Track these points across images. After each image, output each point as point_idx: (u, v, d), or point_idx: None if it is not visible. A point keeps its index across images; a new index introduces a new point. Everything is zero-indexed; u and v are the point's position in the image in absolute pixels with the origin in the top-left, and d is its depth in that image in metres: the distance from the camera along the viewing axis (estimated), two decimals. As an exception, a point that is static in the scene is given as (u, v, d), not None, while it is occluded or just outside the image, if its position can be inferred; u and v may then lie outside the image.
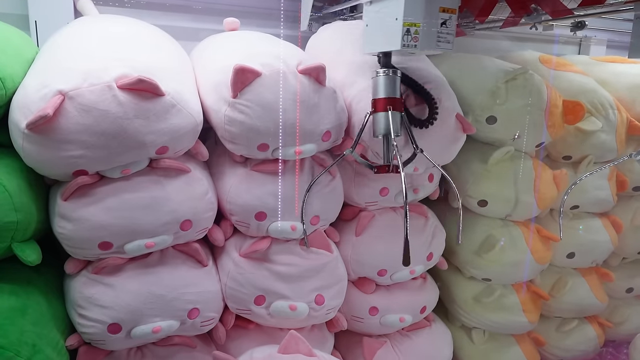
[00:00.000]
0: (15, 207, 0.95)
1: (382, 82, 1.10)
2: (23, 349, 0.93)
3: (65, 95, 0.92)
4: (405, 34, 1.00)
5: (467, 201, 1.53)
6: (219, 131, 1.15)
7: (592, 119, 1.55)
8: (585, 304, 1.70)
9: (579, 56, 2.05)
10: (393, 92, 1.10)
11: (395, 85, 1.10)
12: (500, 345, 1.63)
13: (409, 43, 1.01)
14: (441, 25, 1.03)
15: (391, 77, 1.10)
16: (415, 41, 1.01)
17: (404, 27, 1.00)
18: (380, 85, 1.10)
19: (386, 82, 1.10)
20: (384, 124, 1.10)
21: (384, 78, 1.10)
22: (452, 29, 1.05)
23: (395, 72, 1.10)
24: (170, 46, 1.22)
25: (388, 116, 1.09)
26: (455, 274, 1.62)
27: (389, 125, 1.09)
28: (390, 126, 1.08)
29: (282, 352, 1.07)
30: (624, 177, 1.69)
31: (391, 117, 1.09)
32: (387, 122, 1.09)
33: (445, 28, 1.04)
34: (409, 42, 1.01)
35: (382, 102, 1.10)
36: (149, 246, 1.07)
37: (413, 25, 1.00)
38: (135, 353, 1.16)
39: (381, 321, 1.39)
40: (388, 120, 1.09)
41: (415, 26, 1.01)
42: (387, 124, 1.09)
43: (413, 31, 1.01)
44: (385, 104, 1.09)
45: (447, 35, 1.05)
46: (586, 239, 1.66)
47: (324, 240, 1.28)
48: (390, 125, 1.09)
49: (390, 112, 1.09)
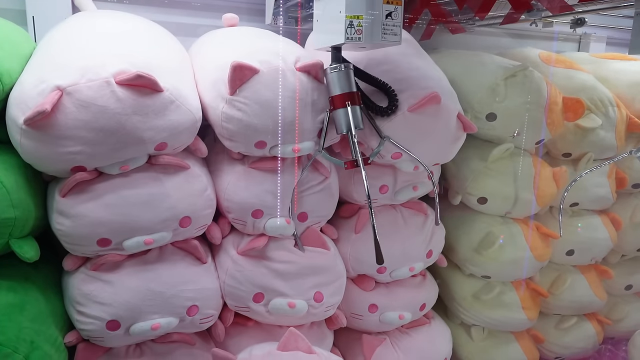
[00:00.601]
0: (13, 204, 0.95)
1: (335, 77, 1.08)
2: (21, 346, 0.92)
3: (63, 90, 0.91)
4: (348, 26, 0.99)
5: (466, 198, 1.52)
6: (217, 128, 1.15)
7: (591, 116, 1.55)
8: (585, 301, 1.70)
9: (579, 53, 2.04)
10: (348, 87, 1.08)
11: (349, 79, 1.08)
12: (499, 342, 1.63)
13: (353, 36, 0.99)
14: (386, 17, 1.02)
15: (344, 72, 1.08)
16: (359, 34, 1.00)
17: (347, 20, 0.99)
18: (335, 81, 1.08)
19: (340, 77, 1.08)
20: (344, 120, 1.08)
21: (337, 74, 1.08)
22: (399, 21, 1.03)
23: (347, 66, 1.09)
24: (169, 42, 1.22)
25: (347, 112, 1.07)
26: (454, 271, 1.62)
27: (349, 120, 1.07)
28: (351, 121, 1.07)
29: (281, 349, 1.07)
30: (623, 174, 1.68)
31: (351, 112, 1.07)
32: (347, 118, 1.07)
33: (391, 20, 1.02)
34: (352, 34, 0.99)
35: (339, 98, 1.08)
36: (148, 243, 1.07)
37: (356, 17, 0.99)
38: (134, 350, 1.16)
39: (380, 318, 1.39)
40: (347, 115, 1.07)
41: (358, 18, 0.99)
42: (347, 120, 1.08)
43: (356, 24, 0.99)
44: (343, 100, 1.08)
45: (393, 27, 1.03)
46: (585, 236, 1.66)
47: (318, 238, 1.27)
48: (350, 121, 1.07)
49: (350, 107, 1.07)
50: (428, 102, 1.17)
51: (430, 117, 1.21)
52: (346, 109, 1.07)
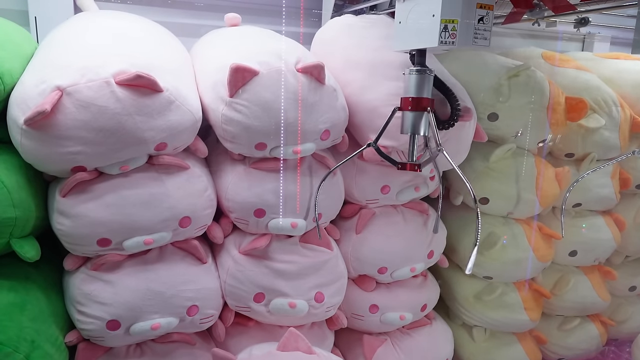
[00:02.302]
0: (14, 203, 0.95)
1: (415, 80, 1.09)
2: (22, 345, 0.93)
3: (63, 91, 0.92)
4: (442, 30, 0.99)
5: (468, 199, 1.52)
6: (217, 130, 1.15)
7: (595, 116, 1.54)
8: (588, 302, 1.69)
9: (582, 53, 2.03)
10: (426, 92, 1.10)
11: (428, 84, 1.10)
12: (501, 343, 1.62)
13: (447, 40, 1.00)
14: (478, 21, 1.02)
15: (425, 77, 1.09)
16: (452, 38, 1.00)
17: (442, 24, 0.98)
18: (413, 83, 1.09)
19: (420, 81, 1.09)
20: (412, 123, 1.10)
21: (418, 77, 1.09)
22: (489, 26, 1.04)
23: (430, 71, 1.10)
24: (170, 42, 1.22)
25: (420, 116, 1.09)
26: (456, 272, 1.61)
27: (419, 124, 1.09)
28: (421, 125, 1.09)
29: (281, 349, 1.07)
30: (627, 174, 1.67)
31: (423, 117, 1.09)
32: (418, 121, 1.09)
33: (482, 24, 1.03)
34: (446, 38, 0.99)
35: (413, 101, 1.09)
36: (148, 243, 1.07)
37: (451, 21, 0.99)
38: (134, 350, 1.16)
39: (381, 319, 1.39)
40: (419, 119, 1.09)
41: (453, 22, 0.99)
42: (416, 123, 1.09)
43: (451, 27, 0.99)
44: (418, 103, 1.09)
45: (484, 31, 1.04)
46: (589, 236, 1.65)
47: (324, 238, 1.27)
48: (419, 125, 1.09)
49: (423, 112, 1.09)
50: (464, 119, 1.20)
51: (457, 129, 1.22)
52: (419, 113, 1.09)
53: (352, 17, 1.50)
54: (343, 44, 1.39)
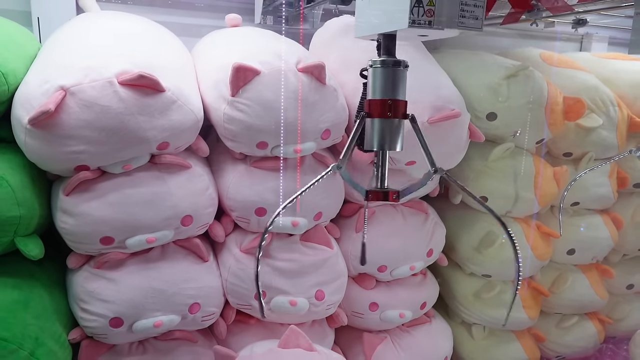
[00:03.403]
0: (18, 202, 0.96)
1: (381, 76, 0.81)
2: (26, 342, 0.94)
3: (67, 90, 0.93)
4: (415, 5, 0.72)
5: (467, 198, 1.53)
6: (219, 129, 1.16)
7: (592, 115, 1.55)
8: (586, 301, 1.70)
9: (581, 53, 2.04)
10: (398, 92, 0.82)
11: (402, 81, 0.81)
12: (500, 341, 1.63)
13: (420, 19, 0.72)
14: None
15: (394, 71, 0.80)
16: (429, 16, 0.72)
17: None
18: (378, 80, 0.81)
19: (387, 77, 0.81)
20: (378, 134, 0.82)
21: (385, 71, 0.81)
22: (481, 1, 0.75)
23: (401, 64, 0.81)
24: (172, 42, 1.23)
25: (391, 124, 0.82)
26: (455, 270, 1.63)
27: (393, 136, 0.82)
28: (395, 138, 0.82)
29: (282, 346, 1.08)
30: (624, 173, 1.68)
31: (395, 126, 0.83)
32: (383, 132, 0.82)
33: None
34: (419, 17, 0.72)
35: (378, 104, 0.81)
36: (150, 241, 1.08)
37: None
38: (136, 347, 1.17)
39: (381, 317, 1.40)
40: (385, 128, 0.82)
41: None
42: (382, 135, 0.82)
43: (426, 2, 0.72)
44: (382, 108, 0.81)
45: (474, 7, 0.75)
46: (586, 235, 1.66)
47: (324, 236, 1.28)
48: (394, 137, 0.82)
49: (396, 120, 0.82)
50: (449, 117, 1.18)
51: (447, 129, 1.22)
52: (388, 121, 0.80)
53: (350, 17, 1.51)
54: (340, 45, 1.40)
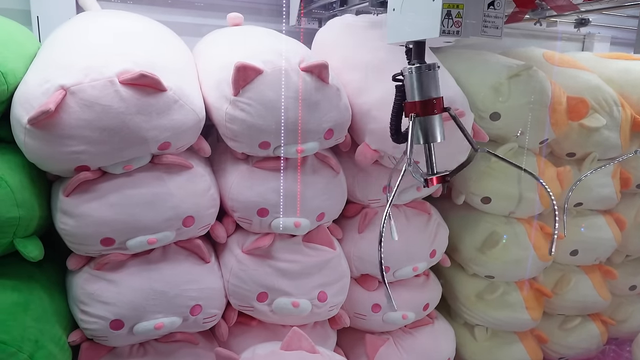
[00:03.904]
0: (18, 203, 0.95)
1: (417, 79, 0.93)
2: (25, 345, 0.93)
3: (67, 90, 0.91)
4: (445, 17, 0.83)
5: (470, 198, 1.52)
6: (221, 129, 1.15)
7: (596, 115, 1.54)
8: (589, 302, 1.69)
9: (583, 53, 2.04)
10: (433, 91, 0.93)
11: (435, 81, 0.93)
12: (503, 342, 1.62)
13: (450, 29, 0.83)
14: (488, 6, 0.86)
15: (429, 73, 0.92)
16: (457, 26, 0.83)
17: (444, 9, 0.82)
18: (415, 83, 0.93)
19: (423, 79, 0.92)
20: (422, 130, 0.95)
21: (420, 74, 0.92)
22: (501, 12, 0.87)
23: (433, 67, 0.93)
24: (173, 42, 1.22)
25: (432, 120, 0.94)
26: (458, 271, 1.62)
27: (433, 130, 0.94)
28: (436, 131, 0.95)
29: (284, 348, 1.07)
30: (628, 174, 1.68)
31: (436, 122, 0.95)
32: (426, 128, 0.94)
33: (493, 10, 0.86)
34: (449, 27, 0.83)
35: (418, 104, 0.93)
36: (151, 242, 1.07)
37: (455, 6, 0.83)
38: (137, 349, 1.16)
39: (384, 318, 1.39)
40: (427, 125, 0.94)
41: (458, 8, 0.83)
42: (425, 130, 0.94)
43: (455, 14, 0.83)
44: (423, 107, 0.92)
45: (495, 19, 0.87)
46: (589, 236, 1.65)
47: (326, 237, 1.27)
48: (434, 131, 0.94)
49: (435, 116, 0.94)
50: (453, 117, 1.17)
51: (451, 129, 1.20)
52: (428, 118, 0.93)
53: (352, 17, 1.50)
54: (342, 44, 1.39)
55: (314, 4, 1.56)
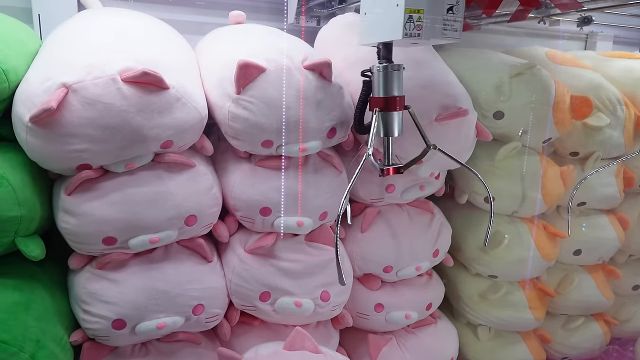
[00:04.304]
0: (19, 202, 0.95)
1: (383, 77, 1.02)
2: (27, 345, 0.92)
3: (69, 88, 0.91)
4: (407, 21, 0.91)
5: (473, 197, 1.51)
6: (223, 127, 1.14)
7: (599, 114, 1.53)
8: (592, 301, 1.69)
9: (586, 52, 2.03)
10: (396, 89, 1.02)
11: (399, 81, 1.02)
12: (506, 342, 1.62)
13: (412, 32, 0.92)
14: (447, 11, 0.94)
15: (393, 73, 1.01)
16: (418, 29, 0.92)
17: (406, 14, 0.91)
18: (381, 81, 1.02)
19: (388, 78, 1.01)
20: (383, 124, 1.04)
21: (386, 73, 1.01)
22: (460, 16, 0.95)
23: (398, 67, 1.02)
24: (175, 40, 1.21)
25: (392, 116, 1.03)
26: (461, 271, 1.61)
27: (392, 125, 1.03)
28: (394, 126, 1.03)
29: (287, 348, 1.06)
30: (631, 173, 1.67)
31: (395, 117, 1.03)
32: (386, 122, 1.03)
33: (452, 15, 0.94)
34: (411, 30, 0.91)
35: (381, 100, 1.02)
36: (154, 241, 1.06)
37: (416, 11, 0.91)
38: (139, 349, 1.16)
39: (387, 318, 1.38)
40: (388, 120, 1.03)
41: (418, 12, 0.91)
42: (386, 124, 1.03)
43: (416, 18, 0.91)
44: (385, 103, 1.02)
45: (454, 22, 0.95)
46: (593, 235, 1.65)
47: (329, 236, 1.27)
48: (393, 126, 1.03)
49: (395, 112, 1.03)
50: (457, 116, 1.17)
51: (455, 128, 1.21)
52: (389, 114, 1.02)
53: (355, 15, 1.49)
54: (345, 43, 1.38)
55: (312, 1, 1.57)
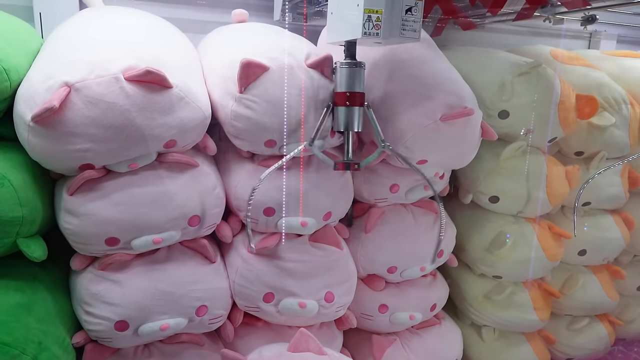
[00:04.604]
0: (21, 202, 0.94)
1: (344, 74, 1.06)
2: (29, 347, 0.91)
3: (72, 87, 0.90)
4: (366, 20, 0.95)
5: (478, 197, 1.50)
6: (226, 126, 1.13)
7: (605, 114, 1.52)
8: (597, 302, 1.68)
9: (590, 51, 2.02)
10: (358, 85, 1.07)
11: (359, 77, 1.07)
12: (510, 343, 1.61)
13: (371, 31, 0.96)
14: (406, 12, 0.98)
15: (354, 70, 1.06)
16: (377, 29, 0.96)
17: (365, 14, 0.95)
18: (343, 77, 1.07)
19: (349, 74, 1.06)
20: (343, 119, 1.07)
21: (347, 70, 1.06)
22: (419, 17, 1.00)
23: (360, 64, 1.07)
24: (178, 38, 1.20)
25: (353, 111, 1.07)
26: (465, 272, 1.60)
27: (353, 120, 1.07)
28: (354, 121, 1.08)
29: (292, 350, 1.05)
30: (636, 173, 1.66)
31: (356, 113, 1.08)
32: (351, 117, 1.07)
33: (410, 15, 0.99)
34: (370, 29, 0.96)
35: (342, 95, 1.07)
36: (157, 242, 1.05)
37: (374, 12, 0.96)
38: (142, 351, 1.15)
39: (391, 319, 1.37)
40: (352, 115, 1.07)
41: (377, 13, 0.96)
42: (346, 119, 1.07)
43: (375, 18, 0.96)
44: (346, 98, 1.06)
45: (413, 23, 0.99)
46: (597, 236, 1.64)
47: (333, 237, 1.26)
48: (353, 120, 1.07)
49: (356, 108, 1.07)
50: (462, 115, 1.16)
51: (461, 128, 1.20)
52: (347, 108, 1.06)
53: None
54: None
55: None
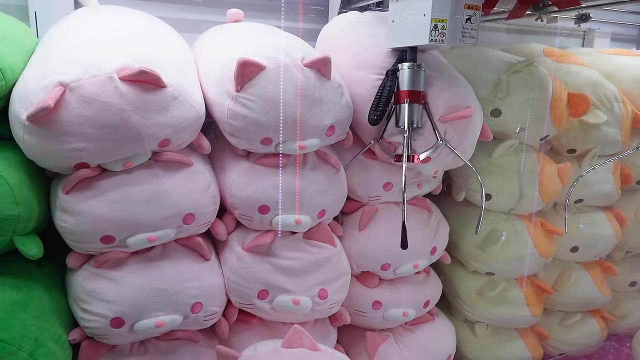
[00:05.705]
0: (17, 200, 0.94)
1: (408, 75, 1.16)
2: (25, 344, 0.92)
3: (66, 86, 0.90)
4: (433, 29, 1.06)
5: (470, 195, 1.51)
6: (222, 125, 1.14)
7: (597, 111, 1.54)
8: (589, 298, 1.69)
9: (583, 49, 2.03)
10: (419, 85, 1.17)
11: (420, 78, 1.17)
12: (503, 339, 1.62)
13: (436, 38, 1.07)
14: (466, 21, 1.09)
15: (417, 71, 1.16)
16: (442, 36, 1.07)
17: (432, 23, 1.05)
18: (406, 78, 1.15)
19: (412, 75, 1.15)
20: (409, 115, 1.16)
21: (410, 71, 1.15)
22: (476, 25, 1.11)
23: (420, 67, 1.16)
24: (172, 38, 1.21)
25: (415, 108, 1.16)
26: (458, 268, 1.61)
27: (414, 116, 1.16)
28: (414, 117, 1.16)
29: (286, 346, 1.06)
30: (628, 170, 1.67)
31: (416, 109, 1.17)
32: (413, 114, 1.16)
33: (470, 24, 1.10)
34: (436, 37, 1.07)
35: (406, 94, 1.16)
36: (152, 240, 1.06)
37: (440, 21, 1.06)
38: (138, 347, 1.16)
39: (384, 315, 1.39)
40: (414, 111, 1.16)
41: (442, 22, 1.06)
42: (412, 115, 1.16)
43: (440, 26, 1.06)
44: (413, 96, 1.15)
45: (471, 30, 1.11)
46: (590, 232, 1.65)
47: (327, 234, 1.27)
48: (414, 117, 1.16)
49: (418, 105, 1.16)
50: (464, 115, 1.18)
51: (463, 126, 1.21)
52: (411, 105, 1.16)
53: (358, 14, 1.48)
54: (349, 42, 1.38)
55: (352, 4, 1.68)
